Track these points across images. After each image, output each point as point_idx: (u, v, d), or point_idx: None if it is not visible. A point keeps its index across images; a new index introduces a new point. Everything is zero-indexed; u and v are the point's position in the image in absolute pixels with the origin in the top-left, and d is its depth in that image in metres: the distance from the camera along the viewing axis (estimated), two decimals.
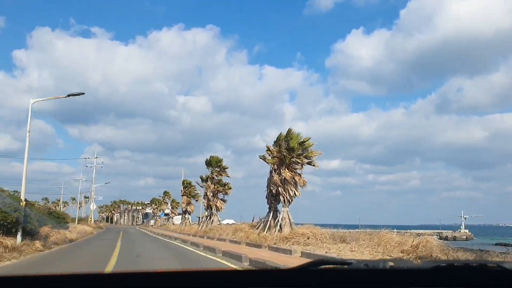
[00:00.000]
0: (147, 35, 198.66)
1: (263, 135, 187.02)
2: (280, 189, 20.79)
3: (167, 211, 74.24)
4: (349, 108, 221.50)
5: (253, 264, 12.35)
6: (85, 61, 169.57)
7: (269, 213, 22.40)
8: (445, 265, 1.66)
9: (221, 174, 36.49)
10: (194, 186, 47.66)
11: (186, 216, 49.79)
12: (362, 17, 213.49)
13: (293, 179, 20.62)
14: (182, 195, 49.80)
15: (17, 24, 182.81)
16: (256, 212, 39.10)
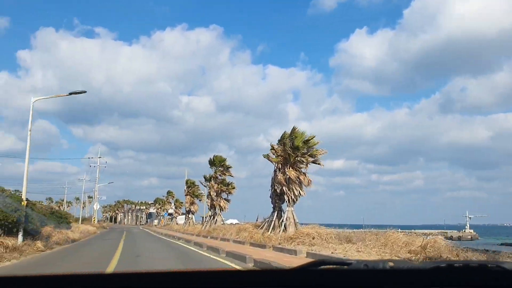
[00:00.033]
0: (151, 35, 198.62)
1: (266, 135, 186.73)
2: (284, 188, 20.46)
3: (170, 211, 74.14)
4: (353, 108, 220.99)
5: (257, 265, 12.02)
6: (89, 61, 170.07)
7: (273, 213, 22.08)
8: (445, 265, 1.66)
9: (224, 174, 36.21)
10: (198, 185, 47.52)
11: (189, 216, 49.61)
12: (365, 17, 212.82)
13: (298, 178, 20.27)
14: (186, 194, 49.60)
15: (21, 24, 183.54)
16: (260, 212, 38.93)
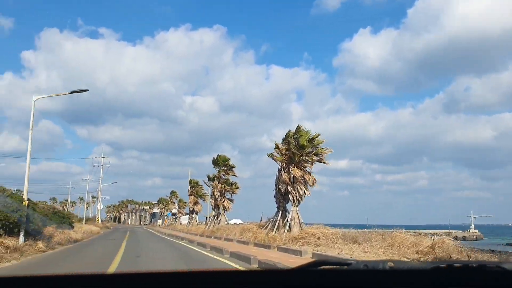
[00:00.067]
0: (155, 35, 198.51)
1: (270, 135, 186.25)
2: (289, 187, 20.14)
3: (174, 210, 73.95)
4: (357, 108, 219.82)
5: (262, 266, 11.72)
6: (93, 62, 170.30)
7: (277, 213, 21.77)
8: (444, 265, 1.65)
9: (228, 173, 35.94)
10: (201, 185, 47.36)
11: (193, 216, 49.43)
12: (369, 17, 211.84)
13: (303, 178, 19.94)
14: (189, 194, 49.41)
15: (25, 25, 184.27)
16: (263, 212, 38.57)
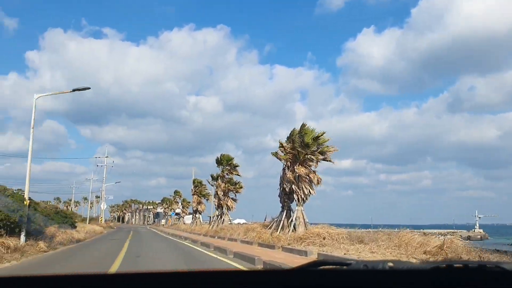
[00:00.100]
0: (158, 35, 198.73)
1: (274, 134, 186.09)
2: (294, 186, 19.81)
3: (178, 210, 73.82)
4: (360, 108, 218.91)
5: (267, 267, 11.41)
6: (97, 62, 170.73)
7: (282, 212, 21.46)
8: (444, 266, 1.64)
9: (232, 173, 35.63)
10: (205, 185, 47.13)
11: (196, 215, 49.23)
12: (373, 16, 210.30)
13: (308, 176, 19.60)
14: (193, 194, 49.18)
15: (29, 25, 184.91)
16: (267, 212, 38.32)
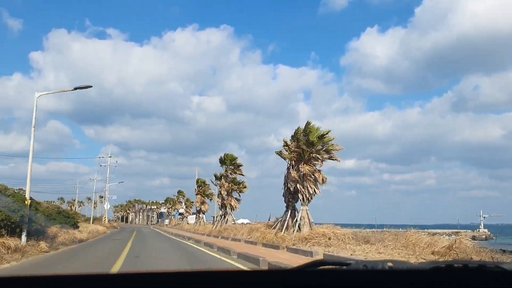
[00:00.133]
0: (162, 35, 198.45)
1: (277, 134, 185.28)
2: (298, 185, 19.47)
3: (181, 210, 73.63)
4: (364, 107, 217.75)
5: (272, 268, 11.09)
6: (100, 62, 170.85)
7: (286, 212, 21.12)
8: (444, 266, 1.63)
9: (235, 172, 35.33)
10: (208, 185, 46.92)
11: (200, 215, 49.01)
12: (377, 15, 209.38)
13: (313, 175, 19.26)
14: (196, 194, 48.95)
15: (33, 26, 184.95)
16: (271, 212, 37.97)
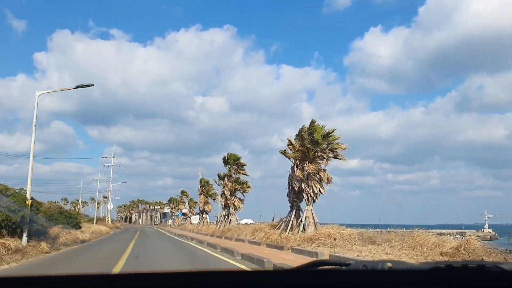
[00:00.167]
0: (165, 36, 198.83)
1: (280, 134, 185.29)
2: (303, 185, 19.14)
3: (184, 210, 73.46)
4: (367, 107, 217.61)
5: None
6: (104, 63, 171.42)
7: (291, 212, 20.79)
8: (443, 266, 1.62)
9: (239, 172, 35.03)
10: (212, 185, 46.69)
11: (203, 215, 48.78)
12: (380, 15, 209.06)
13: (318, 174, 18.92)
14: (200, 194, 48.73)
15: (37, 27, 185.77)
16: (275, 212, 37.65)
